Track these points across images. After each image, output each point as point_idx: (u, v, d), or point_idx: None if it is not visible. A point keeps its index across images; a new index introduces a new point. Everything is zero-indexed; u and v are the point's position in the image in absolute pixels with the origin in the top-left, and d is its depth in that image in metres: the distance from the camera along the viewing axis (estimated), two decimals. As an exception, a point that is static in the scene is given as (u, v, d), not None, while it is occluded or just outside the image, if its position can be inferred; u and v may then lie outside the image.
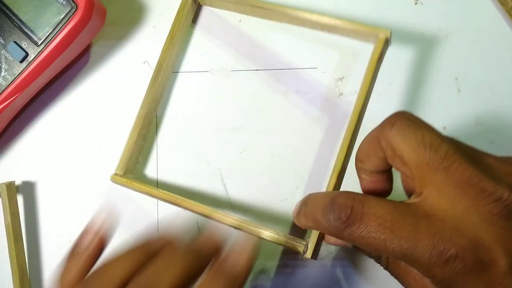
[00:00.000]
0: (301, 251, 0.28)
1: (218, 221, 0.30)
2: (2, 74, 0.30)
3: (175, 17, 0.34)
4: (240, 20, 0.35)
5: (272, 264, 0.33)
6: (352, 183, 0.35)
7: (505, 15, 0.35)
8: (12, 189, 0.33)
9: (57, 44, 0.30)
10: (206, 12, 0.36)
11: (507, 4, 0.35)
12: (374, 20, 0.36)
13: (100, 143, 0.34)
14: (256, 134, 0.35)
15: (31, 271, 0.34)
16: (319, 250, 0.29)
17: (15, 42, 0.30)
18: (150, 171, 0.35)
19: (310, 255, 0.28)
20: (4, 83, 0.30)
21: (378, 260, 0.25)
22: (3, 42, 0.30)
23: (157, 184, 0.34)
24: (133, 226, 0.34)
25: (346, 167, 0.30)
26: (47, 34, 0.30)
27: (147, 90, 0.33)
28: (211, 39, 0.35)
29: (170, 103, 0.35)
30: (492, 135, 0.34)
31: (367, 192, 0.25)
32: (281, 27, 0.35)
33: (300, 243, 0.29)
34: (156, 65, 0.33)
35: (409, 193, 0.24)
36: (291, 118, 0.35)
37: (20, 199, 0.34)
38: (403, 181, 0.24)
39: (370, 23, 0.35)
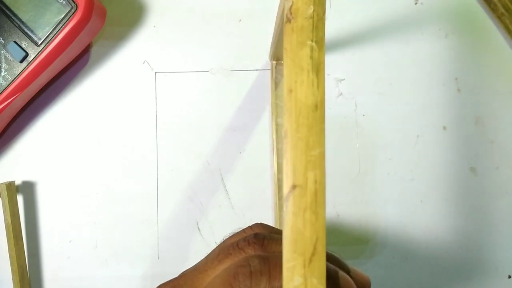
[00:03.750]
0: None
1: None
2: (2, 74, 0.30)
3: None
4: (240, 20, 0.35)
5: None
6: (357, 188, 0.35)
7: (495, 21, 0.35)
8: (12, 189, 0.33)
9: (57, 44, 0.30)
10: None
11: (497, 10, 0.34)
12: (374, 19, 0.36)
13: (100, 143, 0.34)
14: (256, 134, 0.35)
15: (31, 271, 0.34)
16: None
17: (15, 42, 0.30)
18: (150, 171, 0.35)
19: None
20: (4, 83, 0.30)
21: None
22: (3, 42, 0.30)
23: (157, 184, 0.34)
24: (133, 226, 0.34)
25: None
26: (47, 34, 0.30)
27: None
28: (210, 39, 0.35)
29: (170, 103, 0.35)
30: (492, 135, 0.34)
31: None
32: (281, 27, 0.35)
33: None
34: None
35: None
36: (291, 118, 0.35)
37: (20, 199, 0.34)
38: None
39: (370, 23, 0.35)
